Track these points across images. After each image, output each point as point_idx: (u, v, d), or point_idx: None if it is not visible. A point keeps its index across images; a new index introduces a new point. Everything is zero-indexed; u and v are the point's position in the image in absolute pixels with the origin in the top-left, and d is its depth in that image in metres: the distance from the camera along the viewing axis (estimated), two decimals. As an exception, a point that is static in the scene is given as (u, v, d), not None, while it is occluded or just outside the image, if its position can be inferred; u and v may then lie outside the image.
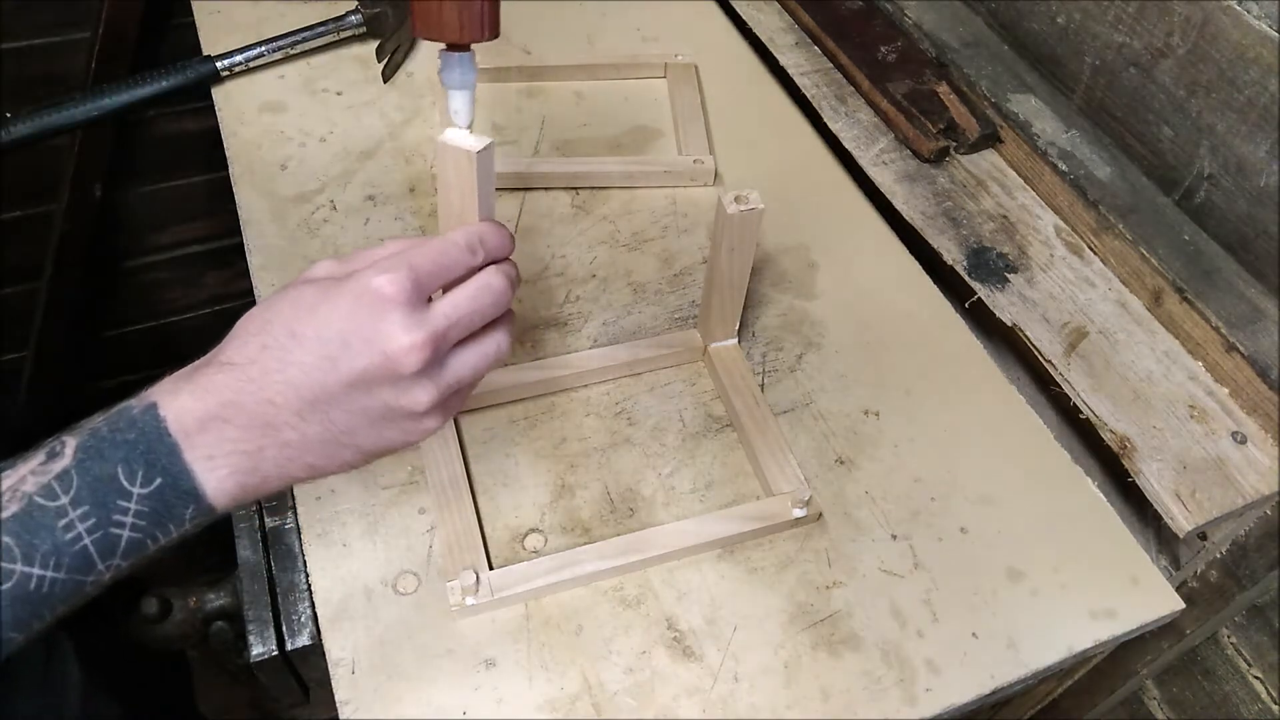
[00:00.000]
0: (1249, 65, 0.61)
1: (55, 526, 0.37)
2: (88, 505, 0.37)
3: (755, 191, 0.56)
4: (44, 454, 0.38)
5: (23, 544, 0.37)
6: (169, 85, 0.82)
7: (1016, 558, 0.58)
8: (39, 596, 0.37)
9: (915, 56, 0.81)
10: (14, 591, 0.36)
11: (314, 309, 0.40)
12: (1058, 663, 0.55)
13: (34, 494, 0.37)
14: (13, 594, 0.36)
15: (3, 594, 0.36)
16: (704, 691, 0.52)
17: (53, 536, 0.37)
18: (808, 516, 0.58)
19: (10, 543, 0.36)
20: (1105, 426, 0.61)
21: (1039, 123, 0.76)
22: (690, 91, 0.84)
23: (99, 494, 0.38)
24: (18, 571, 0.36)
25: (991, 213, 0.73)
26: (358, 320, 0.40)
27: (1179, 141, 0.69)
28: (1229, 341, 0.63)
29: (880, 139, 0.78)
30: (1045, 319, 0.66)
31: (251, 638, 0.59)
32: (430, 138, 0.79)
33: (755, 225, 0.57)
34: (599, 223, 0.75)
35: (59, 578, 0.37)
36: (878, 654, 0.54)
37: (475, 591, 0.53)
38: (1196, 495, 0.58)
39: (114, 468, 0.38)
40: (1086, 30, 0.73)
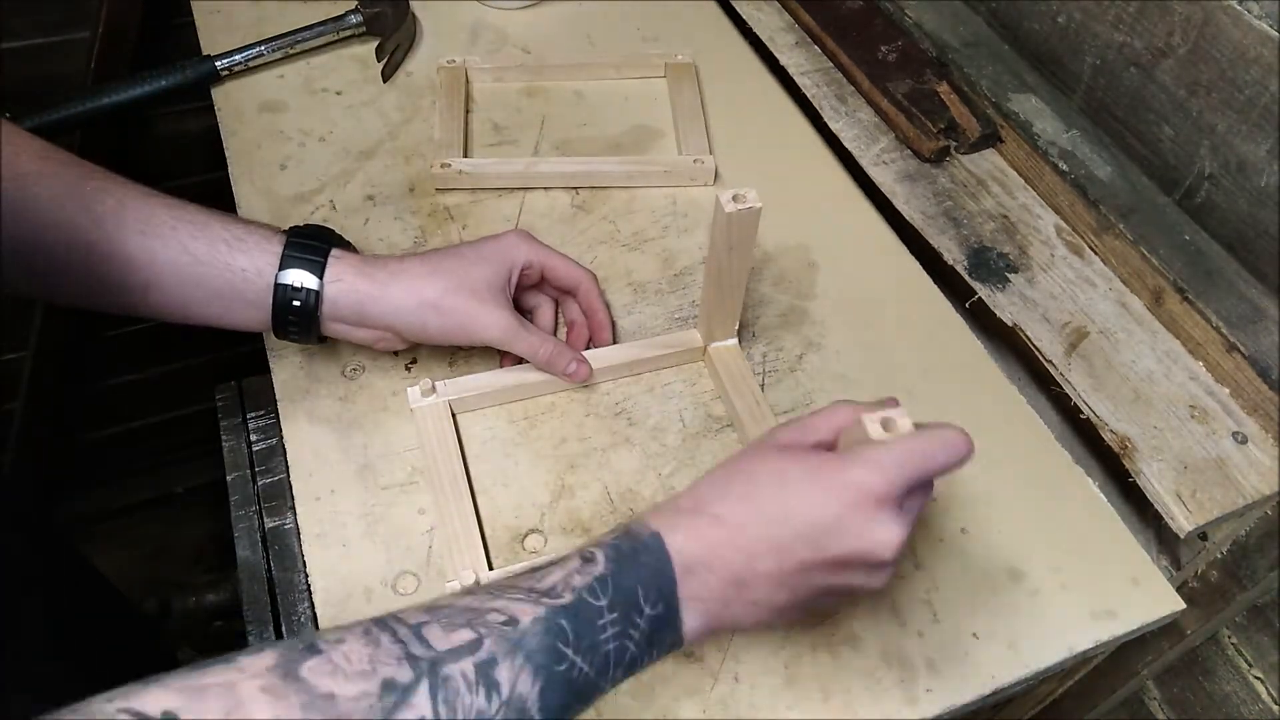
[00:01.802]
0: (1249, 65, 0.61)
1: (595, 624, 0.38)
2: (617, 613, 0.39)
3: (753, 190, 0.56)
4: (579, 559, 0.41)
5: (576, 635, 0.38)
6: (168, 84, 0.82)
7: (1017, 558, 0.58)
8: (575, 690, 0.38)
9: (916, 56, 0.81)
10: (566, 674, 0.37)
11: (804, 493, 0.42)
12: (1058, 663, 0.55)
13: (583, 590, 0.39)
14: (564, 679, 0.37)
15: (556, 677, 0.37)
16: (704, 692, 0.52)
17: (592, 633, 0.38)
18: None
19: (569, 629, 0.38)
20: (1106, 426, 0.61)
21: (1040, 122, 0.76)
22: (690, 91, 0.83)
23: (625, 605, 0.39)
24: (569, 657, 0.37)
25: (992, 212, 0.73)
26: (851, 515, 0.42)
27: (1180, 141, 0.69)
28: (1230, 341, 0.63)
29: (881, 139, 0.78)
30: (1046, 319, 0.66)
31: (251, 638, 0.59)
32: (429, 137, 0.79)
33: (753, 224, 0.57)
34: (599, 222, 0.75)
35: (589, 675, 0.38)
36: (878, 654, 0.54)
37: None
38: (1197, 495, 0.58)
39: (635, 584, 0.40)
40: (1087, 30, 0.73)
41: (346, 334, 0.59)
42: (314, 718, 0.30)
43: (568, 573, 0.40)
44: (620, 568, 0.40)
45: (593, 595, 0.39)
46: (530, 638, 0.36)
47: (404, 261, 0.59)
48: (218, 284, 0.55)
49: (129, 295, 0.55)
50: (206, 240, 0.54)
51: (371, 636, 0.34)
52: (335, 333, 0.59)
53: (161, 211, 0.54)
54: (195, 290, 0.55)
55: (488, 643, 0.35)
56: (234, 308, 0.56)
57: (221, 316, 0.57)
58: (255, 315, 0.57)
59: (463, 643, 0.35)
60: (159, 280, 0.54)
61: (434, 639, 0.35)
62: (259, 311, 0.56)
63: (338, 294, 0.56)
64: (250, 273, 0.55)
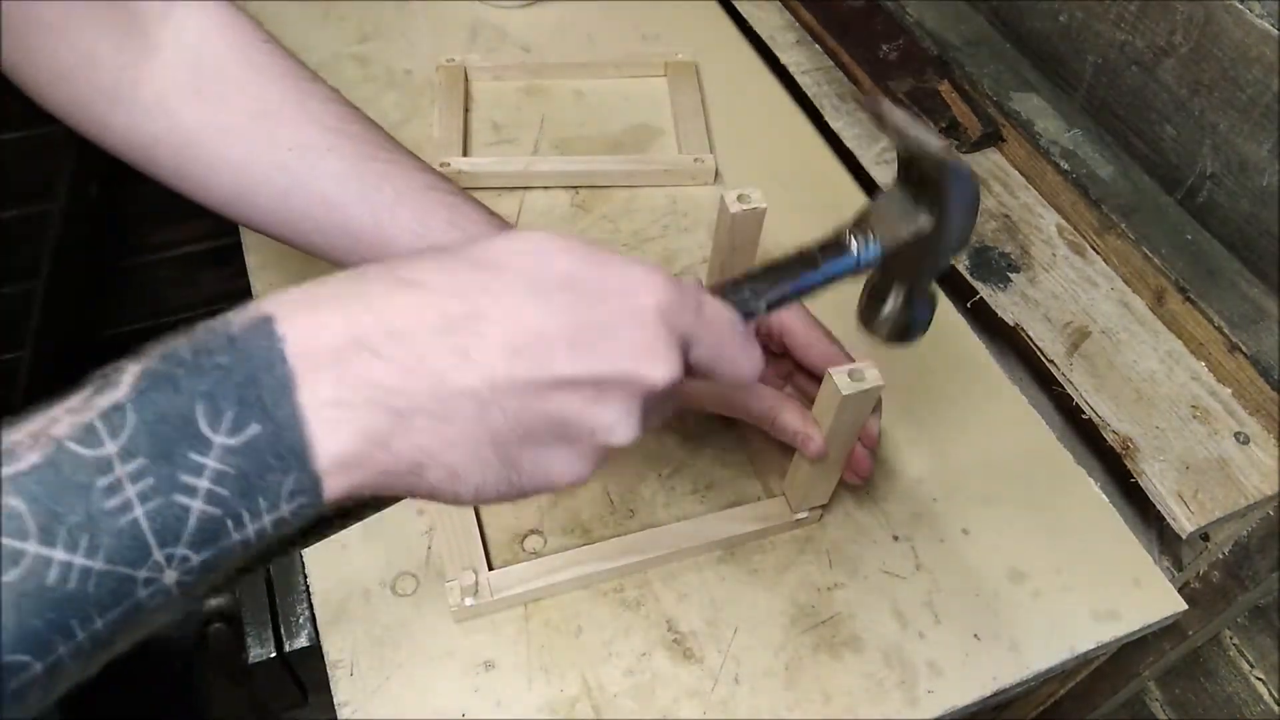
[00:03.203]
0: (1251, 64, 0.61)
1: (92, 486, 0.25)
2: (145, 457, 0.25)
3: (757, 190, 0.56)
4: (92, 386, 0.27)
5: (40, 512, 0.24)
6: None
7: (1018, 559, 0.58)
8: (63, 596, 0.24)
9: (917, 55, 0.81)
10: (24, 583, 0.24)
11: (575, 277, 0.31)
12: (1060, 664, 0.55)
13: (65, 439, 0.25)
14: (21, 588, 0.24)
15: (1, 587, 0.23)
16: (704, 694, 0.52)
17: (87, 502, 0.25)
18: (810, 518, 0.58)
19: (20, 508, 0.24)
20: (1107, 427, 0.61)
21: (1041, 121, 0.76)
22: (690, 90, 0.83)
23: (163, 442, 0.26)
24: (29, 553, 0.24)
25: (993, 212, 0.73)
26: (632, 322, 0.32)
27: (1181, 140, 0.68)
28: (1232, 341, 0.63)
29: (882, 138, 0.78)
30: (1047, 319, 0.66)
31: (250, 639, 0.59)
32: (429, 137, 0.79)
33: (758, 224, 0.57)
34: (599, 222, 0.75)
35: (93, 568, 0.25)
36: (879, 656, 0.54)
37: (474, 592, 0.53)
38: (1199, 496, 0.57)
39: (191, 404, 0.26)
40: (1089, 29, 0.73)
41: None
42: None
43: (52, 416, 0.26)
44: (156, 384, 0.26)
45: (87, 441, 0.25)
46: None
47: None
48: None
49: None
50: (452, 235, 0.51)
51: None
52: None
53: (440, 211, 0.51)
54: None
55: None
56: None
57: None
58: None
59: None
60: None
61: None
62: None
63: None
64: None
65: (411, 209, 0.51)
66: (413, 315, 0.29)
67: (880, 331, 0.46)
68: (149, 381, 0.26)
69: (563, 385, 0.31)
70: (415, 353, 0.29)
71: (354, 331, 0.28)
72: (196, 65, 0.49)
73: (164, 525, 0.25)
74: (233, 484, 0.26)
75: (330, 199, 0.51)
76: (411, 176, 0.53)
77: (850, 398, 0.47)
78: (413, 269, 0.30)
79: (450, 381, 0.29)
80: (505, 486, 0.32)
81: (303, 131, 0.51)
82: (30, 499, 0.24)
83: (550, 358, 0.30)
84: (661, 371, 0.32)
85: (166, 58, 0.49)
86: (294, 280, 0.30)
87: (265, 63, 0.51)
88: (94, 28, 0.46)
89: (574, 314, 0.31)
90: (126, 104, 0.48)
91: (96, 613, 0.25)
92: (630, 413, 0.32)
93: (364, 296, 0.29)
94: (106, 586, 0.25)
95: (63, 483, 0.25)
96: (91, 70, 0.47)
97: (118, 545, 0.25)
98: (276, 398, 0.27)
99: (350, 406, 0.28)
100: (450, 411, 0.29)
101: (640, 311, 0.32)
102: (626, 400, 0.32)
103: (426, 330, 0.29)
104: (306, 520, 0.29)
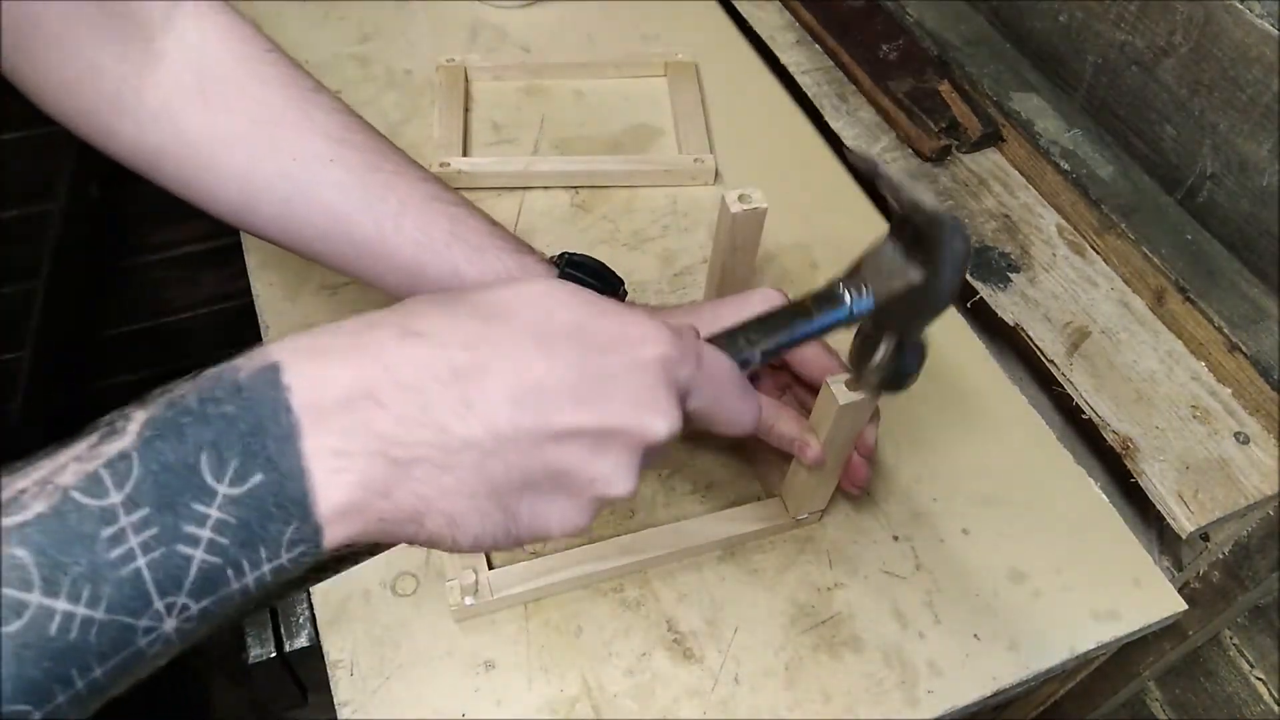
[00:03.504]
0: (1251, 64, 0.61)
1: (96, 537, 0.25)
2: (149, 507, 0.25)
3: (758, 190, 0.56)
4: (98, 433, 0.27)
5: (45, 563, 0.24)
6: None
7: (1018, 559, 0.58)
8: (64, 646, 0.24)
9: (917, 55, 0.81)
10: (26, 634, 0.24)
11: (578, 329, 0.32)
12: (1060, 664, 0.55)
13: (72, 488, 0.25)
14: (23, 639, 0.24)
15: (3, 638, 0.23)
16: (704, 694, 0.52)
17: (91, 553, 0.25)
18: (810, 518, 0.58)
19: (25, 559, 0.24)
20: (1107, 427, 0.61)
21: (1041, 121, 0.76)
22: (690, 90, 0.83)
23: (168, 491, 0.26)
24: (33, 604, 0.24)
25: (993, 212, 0.73)
26: (634, 375, 0.32)
27: (1181, 140, 0.68)
28: (1232, 341, 0.63)
29: (882, 138, 0.78)
30: (1047, 319, 0.66)
31: (250, 639, 0.59)
32: (429, 137, 0.79)
33: (759, 224, 0.57)
34: (599, 222, 0.75)
35: (95, 618, 0.25)
36: (879, 656, 0.54)
37: (474, 591, 0.53)
38: (1199, 496, 0.57)
39: (195, 453, 0.26)
40: (1089, 29, 0.73)
41: None
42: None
43: (59, 464, 0.26)
44: (162, 433, 0.26)
45: (92, 491, 0.25)
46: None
47: (669, 315, 0.53)
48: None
49: (390, 288, 0.54)
50: (479, 268, 0.52)
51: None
52: None
53: (442, 222, 0.52)
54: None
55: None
56: None
57: None
58: None
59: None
60: (424, 292, 0.52)
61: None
62: None
63: None
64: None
65: (415, 220, 0.52)
66: (419, 367, 0.29)
67: (870, 380, 0.47)
68: (154, 430, 0.26)
69: (564, 436, 0.31)
70: (420, 404, 0.29)
71: (361, 383, 0.28)
72: (200, 74, 0.49)
73: (166, 575, 0.26)
74: (234, 533, 0.26)
75: (334, 209, 0.51)
76: (415, 187, 0.53)
77: (848, 407, 0.47)
78: (420, 319, 0.31)
79: (453, 432, 0.29)
80: (502, 535, 0.32)
81: (306, 141, 0.51)
82: (36, 549, 0.24)
83: (553, 409, 0.31)
84: (662, 425, 0.33)
85: (170, 67, 0.49)
86: (293, 280, 0.30)
87: (269, 72, 0.51)
88: (97, 38, 0.47)
89: (577, 366, 0.31)
90: (131, 113, 0.48)
91: (96, 662, 0.25)
92: (629, 465, 0.33)
93: (372, 347, 0.29)
94: (107, 636, 0.25)
95: (68, 533, 0.25)
96: (96, 80, 0.47)
97: (120, 595, 0.25)
98: (281, 447, 0.27)
99: (353, 456, 0.28)
100: (452, 461, 0.29)
101: (642, 365, 0.32)
102: (626, 453, 0.32)
103: (432, 381, 0.29)
104: (305, 568, 0.29)
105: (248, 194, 0.51)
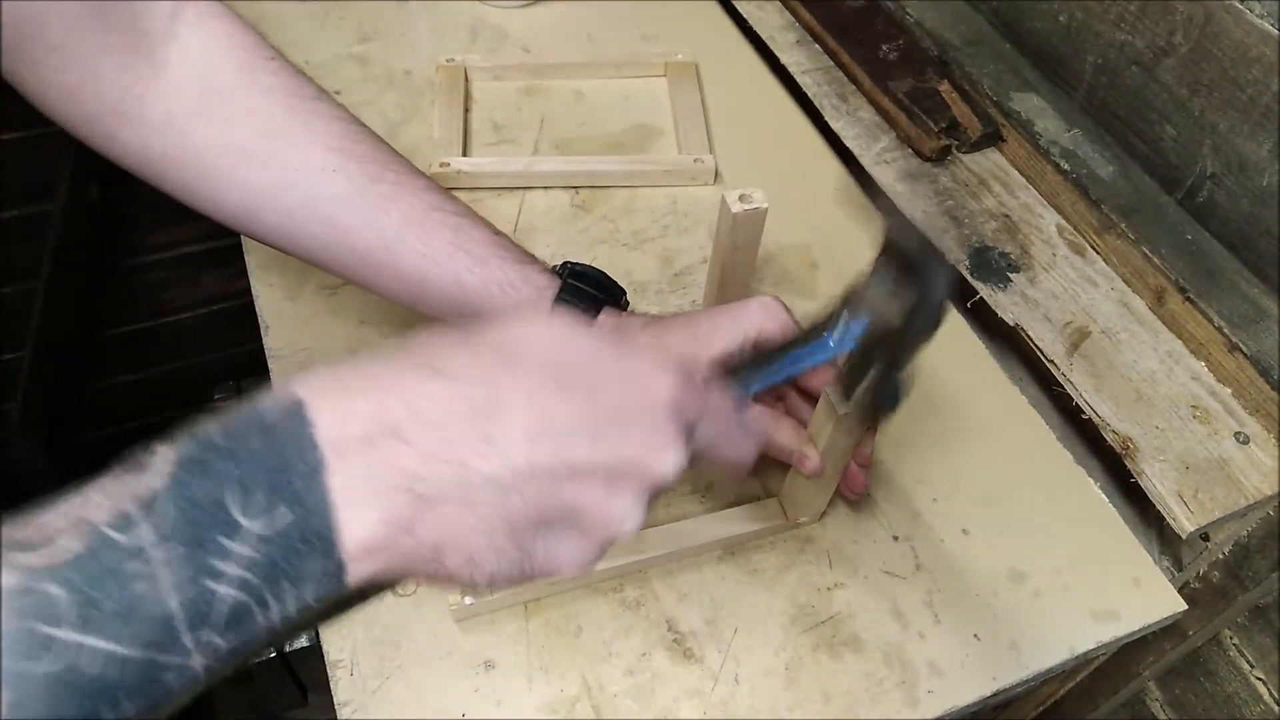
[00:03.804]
0: (1251, 64, 0.61)
1: (129, 574, 0.25)
2: (179, 543, 0.26)
3: (759, 190, 0.56)
4: (127, 470, 0.27)
5: (79, 600, 0.24)
6: None
7: (1018, 559, 0.58)
8: (95, 683, 0.25)
9: (917, 55, 0.81)
10: (59, 674, 0.24)
11: (593, 368, 0.33)
12: (1060, 664, 0.55)
13: (104, 525, 0.25)
14: (57, 677, 0.24)
15: (39, 679, 0.24)
16: (704, 693, 0.52)
17: (123, 589, 0.25)
18: (810, 519, 0.58)
19: (61, 597, 0.24)
20: (1107, 427, 0.61)
21: (1041, 121, 0.76)
22: (690, 90, 0.83)
23: (197, 528, 0.26)
24: (67, 642, 0.24)
25: (993, 212, 0.73)
26: (645, 416, 0.33)
27: (1181, 140, 0.68)
28: (1231, 341, 0.63)
29: (882, 138, 0.78)
30: (1047, 319, 0.66)
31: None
32: (429, 137, 0.79)
33: (759, 224, 0.57)
34: (599, 222, 0.75)
35: (127, 655, 0.25)
36: (879, 656, 0.54)
37: (474, 591, 0.53)
38: (1199, 496, 0.57)
39: (223, 489, 0.27)
40: (1089, 29, 0.73)
41: None
42: None
43: (89, 501, 0.26)
44: (192, 471, 0.27)
45: (122, 528, 0.25)
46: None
47: (668, 327, 0.54)
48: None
49: (392, 296, 0.55)
50: (481, 278, 0.52)
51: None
52: None
53: (444, 233, 0.53)
54: (459, 319, 0.54)
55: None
56: None
57: None
58: None
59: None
60: (426, 300, 0.54)
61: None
62: None
63: None
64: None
65: (417, 232, 0.52)
66: (441, 404, 0.30)
67: (856, 406, 0.47)
68: (183, 467, 0.27)
69: (578, 473, 0.32)
70: (442, 440, 0.29)
71: (384, 419, 0.29)
72: (203, 84, 0.49)
73: (195, 611, 0.26)
74: (262, 569, 0.27)
75: (336, 221, 0.52)
76: (417, 198, 0.53)
77: (847, 416, 0.48)
78: (442, 357, 0.31)
79: (474, 467, 0.30)
80: (516, 572, 0.33)
81: (308, 152, 0.51)
82: (72, 588, 0.24)
83: (568, 446, 0.31)
84: (670, 464, 0.34)
85: (173, 77, 0.49)
86: (294, 280, 0.30)
87: (271, 81, 0.51)
88: (100, 47, 0.47)
89: (591, 405, 0.32)
90: (134, 122, 0.49)
91: (125, 697, 0.25)
92: (638, 503, 0.34)
93: (395, 384, 0.30)
94: (137, 672, 0.25)
95: (101, 570, 0.25)
96: (98, 88, 0.47)
97: (150, 632, 0.25)
98: (307, 484, 0.27)
99: (376, 493, 0.28)
100: (473, 497, 0.30)
101: (653, 407, 0.34)
102: (636, 491, 0.33)
103: (454, 419, 0.30)
104: (328, 605, 0.29)
105: (250, 204, 0.51)
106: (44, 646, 0.24)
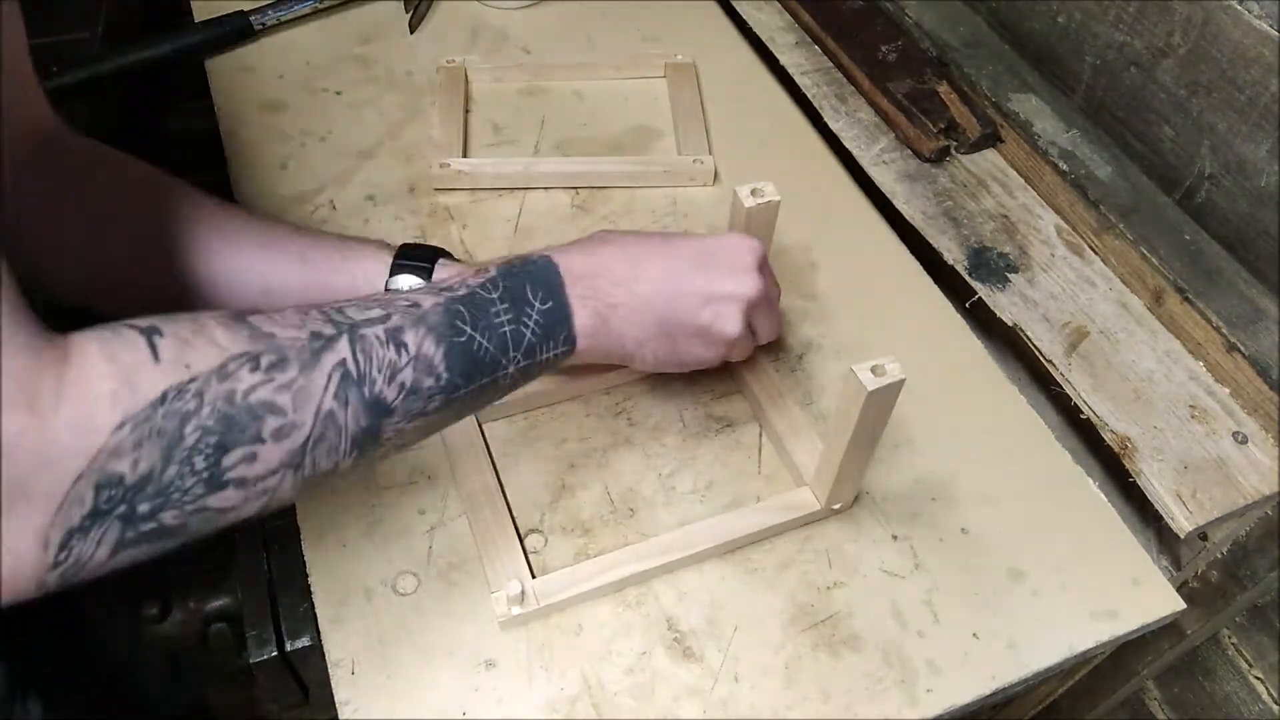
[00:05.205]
0: (1249, 65, 0.61)
1: (489, 311, 0.46)
2: (509, 304, 0.47)
3: (770, 184, 0.56)
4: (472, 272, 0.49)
5: (471, 316, 0.46)
6: (205, 37, 0.85)
7: (1017, 558, 0.58)
8: (477, 360, 0.45)
9: (916, 56, 0.81)
10: (465, 347, 0.45)
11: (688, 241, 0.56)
12: (1059, 663, 0.55)
13: (476, 287, 0.47)
14: (465, 348, 0.45)
15: (456, 345, 0.44)
16: (704, 692, 0.52)
17: (488, 317, 0.46)
18: (844, 506, 0.58)
19: (465, 311, 0.46)
20: (1106, 427, 0.61)
21: (1040, 122, 0.76)
22: (690, 91, 0.83)
23: (515, 299, 0.48)
24: (468, 333, 0.45)
25: (992, 212, 0.73)
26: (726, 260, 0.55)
27: (1180, 141, 0.69)
28: (1230, 341, 0.63)
29: (881, 138, 0.78)
30: (1046, 319, 0.66)
31: (251, 639, 0.59)
32: (429, 137, 0.79)
33: (772, 217, 0.58)
34: (599, 222, 0.75)
35: (489, 349, 0.46)
36: (878, 655, 0.54)
37: (521, 600, 0.53)
38: (1197, 495, 0.58)
39: (524, 285, 0.48)
40: (1087, 30, 0.73)
41: None
42: (257, 347, 0.38)
43: (462, 277, 0.48)
44: (509, 273, 0.49)
45: (484, 290, 0.47)
46: (431, 314, 0.44)
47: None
48: (332, 291, 0.56)
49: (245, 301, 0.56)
50: (322, 250, 0.58)
51: (301, 310, 0.42)
52: None
53: (279, 226, 0.59)
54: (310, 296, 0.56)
55: (395, 317, 0.43)
56: None
57: None
58: None
59: (376, 315, 0.43)
60: (276, 285, 0.56)
61: (351, 313, 0.42)
62: None
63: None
64: (360, 278, 0.57)
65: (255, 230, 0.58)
66: (617, 260, 0.53)
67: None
68: (503, 273, 0.49)
69: (688, 294, 0.54)
70: (617, 275, 0.52)
71: (591, 266, 0.52)
72: None
73: (515, 339, 0.47)
74: (543, 328, 0.49)
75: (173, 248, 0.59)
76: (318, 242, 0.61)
77: (875, 393, 0.48)
78: (612, 242, 0.54)
79: (634, 290, 0.53)
80: (670, 358, 0.56)
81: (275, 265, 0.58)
82: (468, 308, 0.46)
83: (685, 279, 0.54)
84: (755, 286, 0.55)
85: None
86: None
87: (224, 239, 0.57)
88: None
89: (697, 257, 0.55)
90: None
91: (483, 372, 0.46)
92: (736, 316, 0.55)
93: (592, 251, 0.53)
94: (490, 357, 0.46)
95: (478, 306, 0.46)
96: None
97: (499, 343, 0.47)
98: (557, 290, 0.50)
99: (587, 301, 0.51)
100: (636, 306, 0.53)
101: (741, 254, 0.55)
102: (734, 308, 0.55)
103: (620, 264, 0.53)
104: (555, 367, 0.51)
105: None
106: (459, 331, 0.45)
